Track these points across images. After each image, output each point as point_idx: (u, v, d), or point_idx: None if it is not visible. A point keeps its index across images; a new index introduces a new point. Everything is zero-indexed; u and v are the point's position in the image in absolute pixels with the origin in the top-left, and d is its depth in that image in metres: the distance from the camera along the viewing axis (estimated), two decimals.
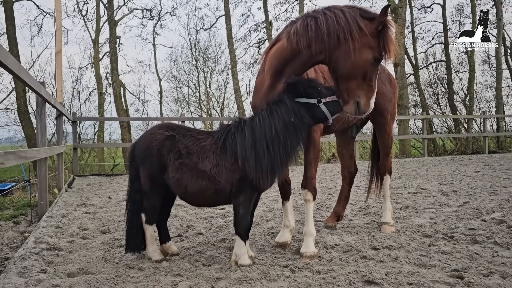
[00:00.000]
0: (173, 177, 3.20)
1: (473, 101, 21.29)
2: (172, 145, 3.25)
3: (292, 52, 3.25)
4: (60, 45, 8.27)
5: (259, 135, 3.05)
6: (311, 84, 3.18)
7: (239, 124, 3.23)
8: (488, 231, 4.29)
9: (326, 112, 3.13)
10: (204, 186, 3.14)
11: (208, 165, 3.12)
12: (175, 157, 3.20)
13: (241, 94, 18.53)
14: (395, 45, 3.15)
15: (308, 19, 3.20)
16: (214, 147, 3.18)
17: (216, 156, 3.14)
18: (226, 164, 3.12)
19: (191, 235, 4.38)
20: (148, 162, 3.30)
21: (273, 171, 3.06)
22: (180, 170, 3.17)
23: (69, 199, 6.95)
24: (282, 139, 3.03)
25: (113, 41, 17.41)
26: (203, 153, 3.17)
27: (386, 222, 4.45)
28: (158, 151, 3.25)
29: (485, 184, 7.95)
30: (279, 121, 3.05)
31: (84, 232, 4.52)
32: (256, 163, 3.02)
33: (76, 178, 10.95)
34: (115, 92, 17.42)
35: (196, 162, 3.15)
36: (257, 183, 3.07)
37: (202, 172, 3.13)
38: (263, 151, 3.02)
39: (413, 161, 14.66)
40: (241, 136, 3.12)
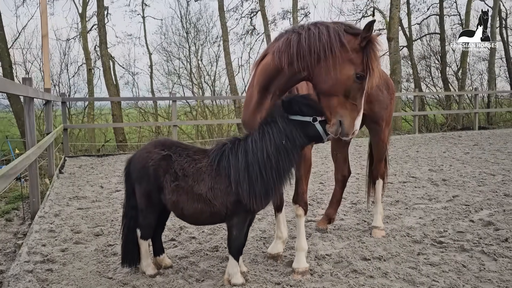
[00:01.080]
0: (169, 199, 3.19)
1: (466, 75, 21.24)
2: (168, 166, 3.21)
3: (275, 69, 3.18)
4: (46, 28, 7.98)
5: (252, 159, 3.02)
6: (306, 101, 3.09)
7: (233, 145, 3.19)
8: (476, 235, 4.39)
9: (321, 131, 3.05)
10: (200, 209, 3.14)
11: (204, 188, 3.11)
12: (171, 179, 3.17)
13: (233, 69, 18.24)
14: (379, 63, 3.05)
15: (292, 35, 3.11)
16: (210, 170, 3.15)
17: (211, 179, 3.12)
18: (221, 187, 3.10)
19: (184, 239, 4.42)
20: (144, 182, 3.27)
21: (267, 195, 3.05)
22: (176, 193, 3.15)
23: (61, 190, 6.93)
24: (274, 162, 2.99)
25: (101, 13, 16.82)
26: (198, 175, 3.14)
27: (377, 226, 4.52)
28: (155, 171, 3.21)
29: (474, 170, 8.07)
30: (271, 144, 3.00)
31: (77, 236, 4.53)
32: (249, 187, 3.01)
33: (68, 159, 10.90)
34: (104, 67, 17.01)
35: (192, 185, 3.13)
36: (250, 207, 3.07)
37: (198, 195, 3.11)
38: (256, 175, 3.00)
39: (404, 138, 14.77)
40: (235, 159, 3.09)
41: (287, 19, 23.01)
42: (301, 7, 22.73)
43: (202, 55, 20.73)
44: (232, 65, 18.42)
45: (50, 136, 7.13)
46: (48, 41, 8.01)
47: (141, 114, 18.22)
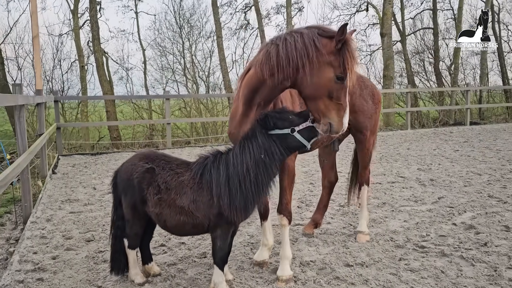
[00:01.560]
0: (152, 211, 3.29)
1: (458, 70, 21.34)
2: (151, 179, 3.30)
3: (258, 80, 3.27)
4: (37, 29, 7.98)
5: (232, 173, 3.12)
6: (281, 115, 3.18)
7: (215, 159, 3.28)
8: (456, 239, 4.52)
9: (302, 140, 3.15)
10: (182, 221, 3.23)
11: (186, 201, 3.20)
12: (154, 192, 3.26)
13: (226, 65, 18.25)
14: (356, 62, 3.11)
15: (271, 47, 3.20)
16: (192, 183, 3.24)
17: (193, 192, 3.21)
18: (203, 200, 3.20)
19: (173, 245, 4.53)
20: (129, 193, 3.37)
21: (246, 208, 3.16)
22: (159, 206, 3.25)
23: (54, 192, 7.01)
24: (253, 176, 3.09)
25: (93, 9, 16.73)
26: (181, 188, 3.24)
27: (361, 231, 4.64)
28: (139, 184, 3.31)
29: (462, 170, 8.21)
30: (251, 159, 3.10)
31: (68, 242, 4.62)
32: (229, 200, 3.11)
33: (61, 158, 10.96)
34: (97, 63, 16.94)
35: (174, 198, 3.22)
36: (232, 219, 3.17)
37: (180, 208, 3.21)
38: (235, 188, 3.10)
39: (396, 134, 14.91)
40: (216, 172, 3.18)
41: (281, 13, 23.00)
42: (295, 1, 22.71)
43: (196, 50, 20.74)
44: (226, 61, 18.44)
45: (42, 139, 7.18)
46: (39, 42, 8.03)
47: (135, 110, 18.22)
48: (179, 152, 11.81)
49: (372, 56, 24.00)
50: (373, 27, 24.04)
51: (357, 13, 23.63)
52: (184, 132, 18.39)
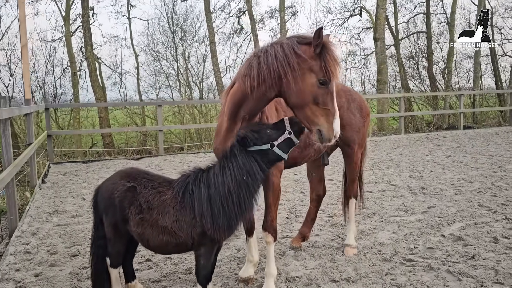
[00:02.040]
0: (135, 231, 3.24)
1: (451, 74, 21.42)
2: (133, 198, 3.25)
3: (242, 93, 3.25)
4: (26, 38, 7.91)
5: (214, 193, 3.09)
6: (259, 132, 3.14)
7: (196, 177, 3.24)
8: (444, 252, 4.50)
9: (281, 153, 3.14)
10: (165, 241, 3.19)
11: (169, 221, 3.16)
12: (136, 211, 3.21)
13: (220, 70, 18.22)
14: (337, 64, 3.06)
15: (253, 59, 3.20)
16: (174, 202, 3.20)
17: (176, 211, 3.17)
18: (186, 219, 3.16)
19: (159, 260, 4.48)
20: (110, 212, 3.32)
21: (230, 227, 3.12)
22: (141, 226, 3.20)
23: (42, 203, 6.94)
24: (235, 196, 3.06)
25: (85, 15, 16.66)
26: (163, 208, 3.19)
27: (349, 244, 4.60)
28: (120, 203, 3.26)
29: (453, 177, 8.21)
30: (232, 180, 3.06)
31: (53, 257, 4.56)
32: (212, 219, 3.07)
33: (52, 166, 10.87)
34: (90, 69, 16.85)
35: (156, 218, 3.17)
36: (215, 238, 3.13)
37: (163, 227, 3.17)
38: (218, 208, 3.06)
39: (389, 139, 14.92)
40: (198, 191, 3.15)
41: (275, 18, 23.02)
42: (288, 5, 22.77)
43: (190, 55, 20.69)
44: (220, 66, 18.41)
45: (30, 149, 7.12)
46: (28, 51, 7.96)
47: (129, 115, 18.13)
48: (171, 159, 11.76)
49: (366, 60, 24.06)
50: (367, 31, 24.12)
51: (350, 17, 23.72)
52: (178, 137, 18.33)
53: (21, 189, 8.47)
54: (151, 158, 11.94)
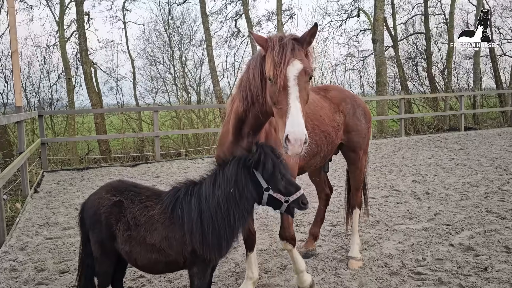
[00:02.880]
0: (122, 249, 3.00)
1: (451, 75, 21.23)
2: (120, 213, 3.01)
3: (241, 112, 3.14)
4: (16, 44, 7.67)
5: (204, 207, 2.84)
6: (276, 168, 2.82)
7: (187, 190, 3.00)
8: (454, 263, 4.26)
9: (263, 201, 2.83)
10: (154, 259, 2.95)
11: (157, 238, 2.91)
12: (123, 228, 2.97)
13: (217, 74, 17.99)
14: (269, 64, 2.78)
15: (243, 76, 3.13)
16: (163, 218, 2.96)
17: (165, 228, 2.93)
18: (175, 236, 2.91)
19: (153, 276, 4.22)
20: (97, 229, 3.07)
21: (219, 246, 2.86)
22: (128, 243, 2.96)
23: (33, 215, 6.67)
24: (224, 210, 2.80)
25: (80, 20, 16.42)
26: (151, 224, 2.95)
27: (353, 257, 4.38)
28: (106, 219, 3.01)
29: (458, 181, 7.98)
30: (221, 191, 2.81)
31: (40, 275, 4.31)
32: (202, 237, 2.83)
33: (46, 174, 10.61)
34: (85, 74, 16.61)
35: (144, 235, 2.93)
36: (207, 257, 2.90)
37: (151, 245, 2.92)
38: (207, 224, 2.81)
39: (390, 142, 14.69)
40: (188, 206, 2.91)
41: (272, 21, 22.83)
42: (285, 8, 22.57)
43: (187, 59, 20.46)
44: (217, 70, 18.18)
45: (20, 158, 6.86)
46: (18, 58, 7.72)
47: (126, 121, 17.87)
48: (168, 165, 11.51)
49: (365, 62, 23.86)
50: (365, 33, 23.92)
51: (348, 19, 23.54)
52: (176, 142, 18.07)
53: (14, 199, 8.21)
54: (148, 165, 11.68)
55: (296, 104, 2.61)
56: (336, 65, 23.53)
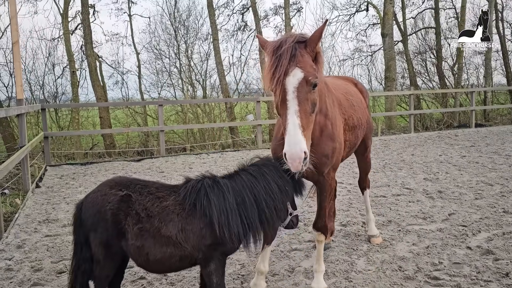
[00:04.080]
0: (132, 245, 2.78)
1: (462, 71, 20.79)
2: (128, 208, 2.80)
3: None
4: (17, 35, 7.47)
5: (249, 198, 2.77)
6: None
7: (213, 182, 2.83)
8: (473, 268, 4.01)
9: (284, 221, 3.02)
10: (168, 253, 2.76)
11: (173, 230, 2.73)
12: (133, 222, 2.77)
13: (223, 68, 17.73)
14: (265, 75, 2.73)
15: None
16: (179, 208, 2.77)
17: (181, 219, 2.74)
18: (193, 229, 2.74)
19: (154, 278, 4.02)
20: (101, 228, 2.85)
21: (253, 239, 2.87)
22: (140, 237, 2.75)
23: (33, 211, 6.49)
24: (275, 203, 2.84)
25: (85, 12, 16.21)
26: (166, 215, 2.76)
27: (373, 235, 4.78)
28: (113, 216, 2.79)
29: (471, 179, 7.69)
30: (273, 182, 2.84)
31: (36, 275, 4.11)
32: (231, 229, 2.72)
33: (49, 168, 10.45)
34: (90, 68, 16.41)
35: (158, 226, 2.73)
36: (232, 250, 2.85)
37: (167, 238, 2.73)
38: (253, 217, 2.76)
39: (399, 138, 14.38)
40: (218, 198, 2.74)
41: (279, 14, 22.49)
42: (293, 2, 22.23)
43: (193, 53, 20.20)
44: (223, 64, 17.92)
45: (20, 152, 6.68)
46: (19, 49, 7.52)
47: (131, 115, 17.68)
48: (173, 160, 11.31)
49: (373, 56, 23.47)
50: (374, 27, 23.54)
51: (357, 13, 23.15)
52: (181, 137, 17.87)
53: (15, 194, 8.05)
54: (152, 160, 11.49)
55: (294, 120, 2.53)
56: (344, 60, 23.20)
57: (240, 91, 21.06)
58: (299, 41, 2.67)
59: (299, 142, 2.48)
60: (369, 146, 4.82)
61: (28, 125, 14.88)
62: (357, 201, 6.51)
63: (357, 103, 4.16)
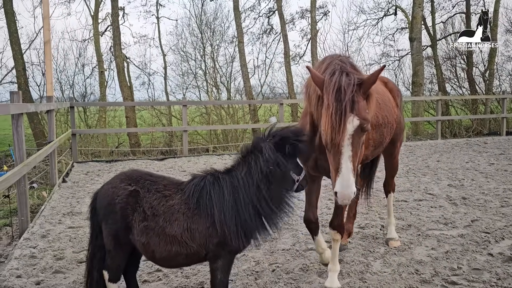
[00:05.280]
0: (138, 241, 2.86)
1: (493, 77, 20.18)
2: (136, 203, 2.87)
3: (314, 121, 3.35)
4: (49, 34, 7.78)
5: (243, 195, 2.75)
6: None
7: (215, 179, 2.85)
8: (493, 274, 3.89)
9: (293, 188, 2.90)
10: (174, 252, 2.81)
11: (178, 230, 2.77)
12: (140, 219, 2.84)
13: (248, 71, 17.85)
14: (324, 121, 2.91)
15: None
16: (184, 208, 2.81)
17: (187, 219, 2.79)
18: (199, 228, 2.77)
19: (170, 271, 4.08)
20: (111, 220, 2.95)
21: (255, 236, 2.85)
22: (145, 234, 2.82)
23: (58, 203, 6.72)
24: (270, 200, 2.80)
25: (115, 14, 16.68)
26: (171, 214, 2.81)
27: (391, 238, 4.72)
28: (122, 210, 2.88)
29: (498, 187, 7.46)
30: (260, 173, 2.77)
31: (58, 263, 4.26)
32: (236, 228, 2.73)
33: (76, 165, 10.77)
34: (118, 68, 16.86)
35: (163, 226, 2.79)
36: (238, 248, 2.83)
37: (172, 237, 2.78)
38: (248, 214, 2.74)
39: (425, 145, 14.09)
40: (218, 195, 2.76)
41: (305, 18, 22.47)
42: (319, 5, 22.19)
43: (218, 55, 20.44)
44: (248, 67, 18.04)
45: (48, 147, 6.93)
46: (51, 48, 7.83)
47: (156, 116, 18.04)
48: (195, 160, 11.46)
49: (401, 61, 23.09)
50: (402, 32, 23.15)
51: (384, 17, 22.85)
52: (205, 139, 18.08)
53: (43, 188, 8.35)
54: (175, 159, 11.68)
55: (347, 165, 2.71)
56: (370, 65, 22.93)
57: (264, 94, 21.13)
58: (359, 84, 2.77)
59: (351, 185, 2.68)
60: (398, 147, 4.75)
61: (58, 123, 15.41)
62: (377, 205, 6.42)
63: (384, 101, 4.14)
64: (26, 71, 15.26)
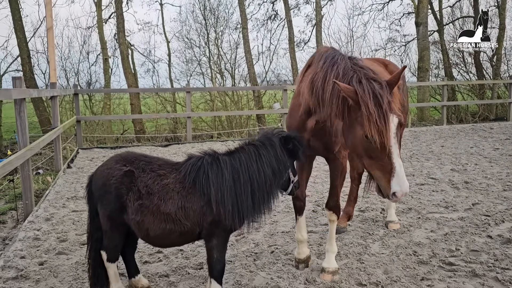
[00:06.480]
0: (133, 219, 2.91)
1: (500, 62, 19.90)
2: (131, 183, 2.92)
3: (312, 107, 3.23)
4: (51, 21, 7.79)
5: (243, 177, 2.80)
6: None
7: (213, 160, 2.89)
8: (491, 255, 3.92)
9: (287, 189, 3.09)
10: (168, 230, 2.86)
11: (172, 208, 2.82)
12: (134, 198, 2.89)
13: (252, 57, 17.76)
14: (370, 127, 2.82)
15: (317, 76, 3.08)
16: (179, 186, 2.86)
17: (181, 198, 2.83)
18: (193, 207, 2.82)
19: (170, 252, 4.15)
20: (105, 201, 3.00)
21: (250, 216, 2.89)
22: (140, 213, 2.87)
23: (62, 188, 6.81)
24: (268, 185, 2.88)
25: (118, 1, 16.61)
26: (165, 193, 2.85)
27: (391, 220, 4.77)
28: (116, 190, 2.93)
29: (501, 171, 7.43)
30: (267, 166, 2.86)
31: (61, 245, 4.35)
32: (232, 207, 2.78)
33: (81, 151, 10.87)
34: (122, 55, 16.86)
35: (158, 204, 2.84)
36: (232, 227, 2.88)
37: (166, 215, 2.83)
38: (246, 196, 2.79)
39: (430, 130, 14.01)
40: (217, 175, 2.80)
41: (310, 3, 22.22)
42: None
43: (222, 42, 20.34)
44: (252, 53, 17.95)
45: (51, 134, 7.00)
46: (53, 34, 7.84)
47: (160, 103, 18.07)
48: (199, 146, 11.51)
49: (407, 47, 22.82)
50: (408, 17, 22.83)
51: (390, 1, 22.53)
52: (209, 125, 18.12)
53: (48, 174, 8.46)
54: (179, 146, 11.74)
55: (398, 161, 2.72)
56: (376, 50, 22.69)
57: (269, 80, 21.06)
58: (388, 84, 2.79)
59: (406, 181, 2.73)
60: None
61: (63, 111, 15.51)
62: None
63: None
64: (31, 59, 15.32)
